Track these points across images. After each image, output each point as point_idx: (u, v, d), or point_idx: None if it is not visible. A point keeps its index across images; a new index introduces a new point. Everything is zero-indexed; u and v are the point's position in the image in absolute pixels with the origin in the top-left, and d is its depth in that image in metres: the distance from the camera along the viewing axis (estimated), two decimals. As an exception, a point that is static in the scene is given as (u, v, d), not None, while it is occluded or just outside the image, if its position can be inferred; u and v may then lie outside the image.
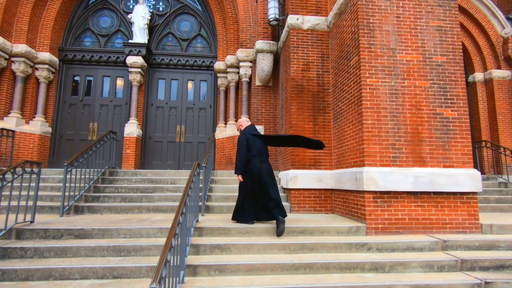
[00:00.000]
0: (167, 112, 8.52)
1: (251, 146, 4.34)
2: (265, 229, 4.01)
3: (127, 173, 6.44)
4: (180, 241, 2.94)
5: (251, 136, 4.44)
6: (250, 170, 4.29)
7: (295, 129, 5.64)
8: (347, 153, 4.92)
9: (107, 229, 3.79)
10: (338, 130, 5.35)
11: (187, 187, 3.41)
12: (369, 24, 4.61)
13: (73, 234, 3.75)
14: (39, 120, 7.65)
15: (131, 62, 7.92)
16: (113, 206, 5.08)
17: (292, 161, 5.56)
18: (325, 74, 5.85)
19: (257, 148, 4.35)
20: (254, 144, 4.35)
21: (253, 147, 4.34)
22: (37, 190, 4.16)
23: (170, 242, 2.41)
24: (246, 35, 7.59)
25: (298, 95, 5.75)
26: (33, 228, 3.73)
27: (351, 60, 4.84)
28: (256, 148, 4.34)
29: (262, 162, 4.35)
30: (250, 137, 4.43)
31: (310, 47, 5.90)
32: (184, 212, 3.10)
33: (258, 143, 4.40)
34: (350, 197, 4.70)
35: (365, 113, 4.39)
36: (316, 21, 5.93)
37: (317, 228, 4.06)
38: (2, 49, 7.04)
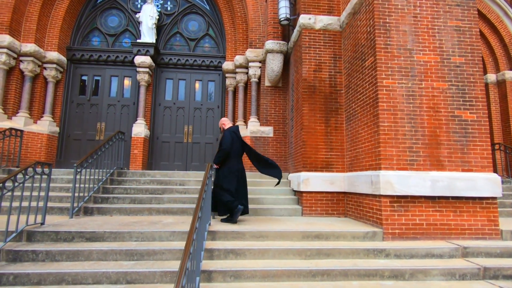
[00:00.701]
0: (175, 113, 8.45)
1: (233, 146, 4.62)
2: (279, 233, 3.92)
3: (136, 173, 6.38)
4: (196, 246, 2.85)
5: (235, 136, 4.73)
6: (230, 167, 4.59)
7: (307, 130, 5.54)
8: (361, 155, 4.82)
9: (119, 232, 3.72)
10: (352, 132, 5.25)
11: (202, 189, 3.33)
12: (386, 24, 4.50)
13: (85, 237, 3.68)
14: (47, 120, 7.61)
15: (139, 62, 7.87)
16: (122, 207, 5.02)
17: (304, 163, 5.47)
18: (338, 75, 5.74)
19: (237, 148, 4.70)
20: (235, 144, 4.66)
21: (235, 146, 4.64)
22: (48, 191, 4.10)
23: (189, 249, 2.33)
24: (256, 35, 7.50)
25: (310, 96, 5.65)
26: (44, 230, 3.67)
27: (366, 61, 4.73)
28: (236, 148, 4.68)
29: (239, 162, 4.73)
30: (234, 137, 4.71)
31: (322, 47, 5.80)
32: (200, 216, 3.02)
33: (238, 144, 4.73)
34: (364, 201, 4.59)
35: (382, 115, 4.28)
36: (329, 21, 5.83)
37: (332, 233, 3.97)
38: (11, 48, 7.01)
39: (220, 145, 4.68)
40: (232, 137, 4.65)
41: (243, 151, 4.84)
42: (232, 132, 4.74)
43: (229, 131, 4.76)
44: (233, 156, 4.61)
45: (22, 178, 3.62)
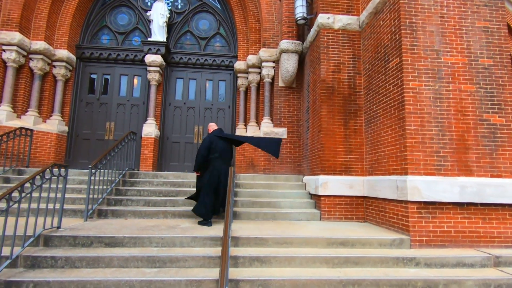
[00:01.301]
0: (185, 112, 8.32)
1: (214, 148, 4.70)
2: (304, 239, 3.79)
3: (148, 175, 6.26)
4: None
5: (215, 138, 4.78)
6: (211, 170, 4.64)
7: (325, 133, 5.41)
8: (384, 159, 4.68)
9: (139, 238, 3.60)
10: (372, 135, 5.11)
11: (229, 196, 3.20)
12: (412, 24, 4.36)
13: (104, 242, 3.56)
14: (56, 119, 7.49)
15: (150, 61, 7.73)
16: (137, 210, 4.89)
17: (322, 166, 5.33)
18: (357, 76, 5.61)
19: (219, 150, 4.71)
20: (217, 146, 4.71)
21: (216, 148, 4.70)
22: (64, 194, 3.98)
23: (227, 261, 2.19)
24: (269, 34, 7.36)
25: (329, 98, 5.52)
26: (62, 235, 3.54)
27: (390, 62, 4.59)
28: (218, 150, 4.71)
29: (223, 163, 4.71)
30: (214, 140, 4.77)
31: (341, 48, 5.66)
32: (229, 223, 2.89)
33: (221, 145, 4.76)
34: (388, 206, 4.46)
35: (408, 118, 4.15)
36: (348, 21, 5.69)
37: (358, 240, 3.83)
38: (21, 46, 6.88)
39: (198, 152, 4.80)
40: (211, 142, 4.73)
41: (230, 150, 4.92)
42: (213, 136, 4.82)
43: (209, 136, 4.88)
44: (214, 160, 4.67)
45: (40, 181, 3.49)
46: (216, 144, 4.73)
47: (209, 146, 4.71)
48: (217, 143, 4.75)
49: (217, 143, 4.75)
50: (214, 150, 4.70)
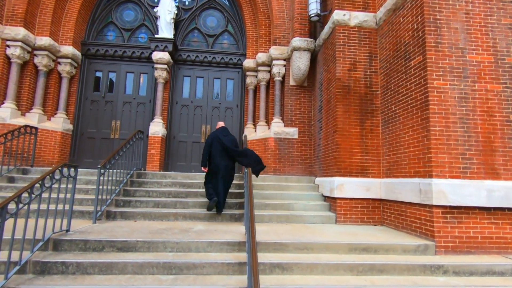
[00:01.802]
0: (192, 111, 8.14)
1: (215, 146, 4.97)
2: (324, 245, 3.62)
3: (156, 175, 6.08)
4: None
5: (217, 137, 5.04)
6: (212, 166, 4.96)
7: (341, 133, 5.24)
8: (404, 161, 4.51)
9: (153, 242, 3.43)
10: (390, 135, 4.94)
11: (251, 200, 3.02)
12: (436, 21, 4.19)
13: (116, 246, 3.39)
14: (61, 117, 7.31)
15: (157, 58, 7.55)
16: (147, 212, 4.72)
17: (338, 168, 5.16)
18: (373, 74, 5.43)
19: (220, 148, 4.96)
20: (218, 144, 4.98)
21: (217, 146, 4.97)
22: (74, 195, 3.80)
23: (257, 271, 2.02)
24: (280, 31, 7.18)
25: (345, 97, 5.34)
26: (72, 239, 3.37)
27: (412, 60, 4.42)
28: (219, 148, 4.96)
29: (222, 160, 4.92)
30: (216, 138, 5.03)
31: (357, 46, 5.49)
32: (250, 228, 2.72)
33: (222, 143, 4.98)
34: (409, 210, 4.29)
35: (432, 118, 3.97)
36: (364, 18, 5.51)
37: (381, 246, 3.67)
38: (25, 41, 6.70)
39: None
40: (213, 139, 5.03)
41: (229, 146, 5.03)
42: (216, 134, 5.09)
43: (211, 133, 5.21)
44: (214, 157, 4.95)
45: (49, 181, 3.32)
46: (218, 142, 4.99)
47: (211, 143, 5.01)
48: (219, 141, 5.00)
49: (219, 141, 5.00)
50: (215, 147, 4.97)
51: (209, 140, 5.04)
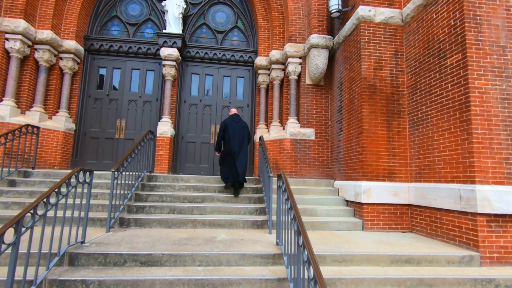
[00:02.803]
0: (201, 110, 7.80)
1: (228, 131, 5.36)
2: (365, 257, 3.35)
3: (168, 178, 5.74)
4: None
5: (230, 122, 5.42)
6: (226, 150, 5.35)
7: (367, 135, 4.98)
8: (438, 165, 4.27)
9: (180, 255, 3.11)
10: (420, 138, 4.70)
11: (296, 206, 2.72)
12: (476, 17, 3.95)
13: (139, 260, 3.06)
14: (63, 116, 6.89)
15: (166, 55, 7.19)
16: (163, 219, 4.39)
17: (364, 171, 4.91)
18: (399, 74, 5.19)
19: (233, 132, 5.34)
20: (232, 129, 5.36)
21: (230, 131, 5.35)
22: (89, 203, 3.45)
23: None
24: (296, 28, 6.89)
25: (370, 97, 5.09)
26: (90, 252, 3.03)
27: (448, 59, 4.18)
28: (232, 132, 5.34)
29: (234, 144, 5.30)
30: (229, 123, 5.41)
31: (382, 43, 5.24)
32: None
33: (235, 128, 5.38)
34: (445, 217, 4.05)
35: (474, 121, 3.74)
36: (390, 14, 5.26)
37: (424, 257, 3.42)
38: (26, 35, 6.27)
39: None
40: (227, 125, 5.39)
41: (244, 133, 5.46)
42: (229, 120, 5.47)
43: (225, 120, 5.52)
44: (229, 141, 5.33)
45: (65, 188, 2.97)
46: (231, 127, 5.38)
47: (225, 129, 5.40)
48: (232, 126, 5.39)
49: (233, 126, 5.40)
50: (229, 132, 5.35)
51: (222, 126, 5.42)
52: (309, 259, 2.16)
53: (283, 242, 3.34)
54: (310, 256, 2.13)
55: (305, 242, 2.30)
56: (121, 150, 7.38)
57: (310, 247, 2.22)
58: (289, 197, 3.08)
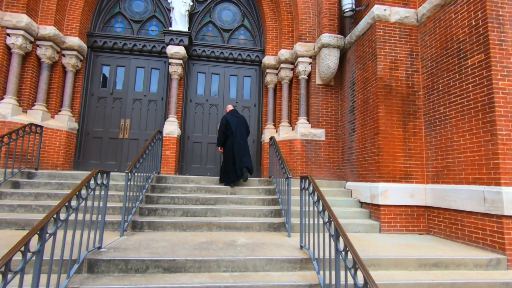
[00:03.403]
0: (207, 110, 7.65)
1: (230, 126, 5.62)
2: (393, 261, 3.27)
3: (177, 179, 5.58)
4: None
5: (231, 117, 5.71)
6: (229, 144, 5.59)
7: (384, 136, 4.92)
8: (458, 166, 4.23)
9: (204, 261, 2.97)
10: (438, 139, 4.65)
11: (330, 209, 2.62)
12: (499, 17, 3.91)
13: (162, 266, 2.91)
14: (66, 115, 6.66)
15: (172, 53, 7.02)
16: (177, 222, 4.24)
17: (380, 173, 4.84)
18: (415, 74, 5.14)
19: (234, 127, 5.62)
20: (232, 124, 5.62)
21: (232, 126, 5.61)
22: (105, 207, 3.29)
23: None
24: (305, 27, 6.80)
25: (386, 97, 5.03)
26: (109, 258, 2.87)
27: (469, 59, 4.14)
28: (234, 127, 5.61)
29: (236, 138, 5.56)
30: (230, 118, 5.69)
31: (397, 43, 5.18)
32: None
33: (236, 123, 5.66)
34: (467, 219, 4.00)
35: (499, 122, 3.70)
36: (406, 14, 5.21)
37: (451, 260, 3.35)
38: (28, 30, 6.03)
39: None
40: (228, 120, 5.65)
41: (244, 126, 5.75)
42: (230, 115, 5.76)
43: (225, 116, 5.81)
44: (230, 136, 5.60)
45: (85, 191, 2.81)
46: (232, 122, 5.64)
47: (226, 124, 5.65)
48: (233, 121, 5.66)
49: (233, 120, 5.67)
50: (230, 127, 5.61)
51: (224, 122, 5.69)
52: (356, 264, 2.06)
53: (309, 246, 3.24)
54: (358, 261, 2.03)
55: (349, 246, 2.19)
56: (125, 150, 7.19)
57: (355, 252, 2.12)
58: (319, 200, 2.97)
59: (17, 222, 3.96)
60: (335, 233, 2.45)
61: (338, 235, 2.41)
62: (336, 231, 2.44)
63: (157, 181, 5.49)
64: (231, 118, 5.70)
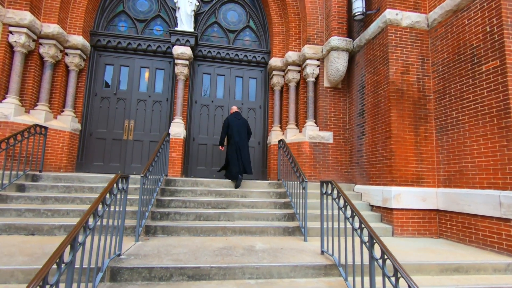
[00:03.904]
0: (213, 111, 7.57)
1: (232, 126, 5.94)
2: (416, 266, 3.27)
3: (187, 182, 5.50)
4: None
5: (232, 118, 6.03)
6: (232, 143, 5.90)
7: (396, 139, 4.94)
8: (472, 171, 4.27)
9: (229, 268, 2.92)
10: (450, 143, 4.70)
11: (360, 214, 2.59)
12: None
13: (186, 274, 2.85)
14: (69, 115, 6.50)
15: (179, 53, 6.92)
16: (191, 226, 4.17)
17: (393, 177, 4.86)
18: (426, 78, 5.18)
19: (236, 128, 5.92)
20: (234, 124, 5.94)
21: (233, 126, 5.93)
22: (125, 211, 3.20)
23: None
24: (314, 29, 6.80)
25: (398, 101, 5.05)
26: (132, 266, 2.79)
27: (483, 65, 4.19)
28: (235, 128, 5.92)
29: (238, 137, 5.89)
30: (231, 119, 6.01)
31: (409, 47, 5.22)
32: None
33: (237, 124, 5.96)
34: (481, 223, 4.05)
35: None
36: (417, 18, 5.25)
37: (472, 265, 3.38)
38: (31, 28, 5.85)
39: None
40: (230, 121, 5.99)
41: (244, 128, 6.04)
42: (231, 117, 6.08)
43: (227, 117, 6.13)
44: (232, 136, 5.89)
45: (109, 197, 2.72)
46: (234, 123, 5.95)
47: (228, 125, 5.97)
48: (234, 122, 5.97)
49: (234, 122, 5.97)
50: (232, 128, 5.91)
51: (226, 122, 6.01)
52: (398, 273, 2.04)
53: (333, 252, 3.22)
54: (401, 269, 2.01)
55: (387, 254, 2.18)
56: (129, 152, 7.05)
57: (396, 260, 2.10)
58: (346, 205, 2.95)
59: (26, 227, 3.83)
60: (370, 240, 2.43)
61: (373, 242, 2.39)
62: (370, 238, 2.42)
63: (166, 184, 5.40)
64: (232, 120, 6.00)
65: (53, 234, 3.87)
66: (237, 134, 5.88)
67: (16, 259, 2.81)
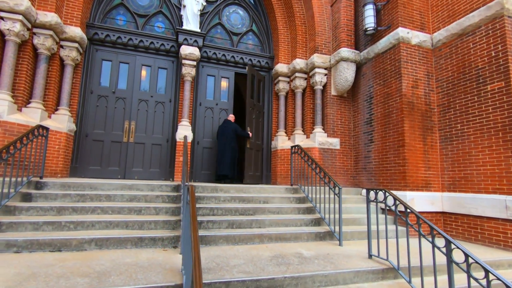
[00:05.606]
0: (217, 114, 7.44)
1: (220, 132, 6.86)
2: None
3: (206, 188, 5.34)
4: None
5: (222, 125, 6.94)
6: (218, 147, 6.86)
7: (409, 148, 5.38)
8: (478, 177, 4.85)
9: (301, 277, 2.98)
10: (455, 152, 5.26)
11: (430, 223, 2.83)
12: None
13: (262, 286, 2.83)
14: (65, 114, 5.88)
15: (187, 53, 6.68)
16: (229, 235, 4.11)
17: (406, 182, 5.29)
18: (431, 93, 5.73)
19: (222, 133, 6.79)
20: (222, 130, 6.80)
21: (220, 132, 6.84)
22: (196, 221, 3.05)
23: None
24: (322, 39, 7.05)
25: (410, 113, 5.51)
26: (209, 281, 2.69)
27: (489, 85, 4.78)
28: (221, 133, 6.80)
29: (223, 142, 6.73)
30: (221, 125, 6.93)
31: (417, 64, 5.72)
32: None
33: (224, 130, 6.78)
34: (487, 224, 4.62)
35: (519, 141, 4.35)
36: (424, 38, 5.77)
37: (489, 262, 3.85)
38: (27, 16, 5.19)
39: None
40: (219, 127, 6.97)
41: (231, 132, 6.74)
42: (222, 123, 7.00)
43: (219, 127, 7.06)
44: (219, 141, 6.83)
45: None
46: (221, 130, 6.84)
47: (217, 131, 6.98)
48: (223, 128, 6.80)
49: (223, 128, 6.81)
50: (220, 133, 6.82)
51: (219, 130, 6.91)
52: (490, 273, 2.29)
53: (387, 256, 3.43)
54: (491, 269, 2.26)
55: (472, 256, 2.42)
56: (130, 155, 6.61)
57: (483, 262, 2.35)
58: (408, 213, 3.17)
59: (51, 243, 3.43)
60: (447, 244, 2.66)
61: (451, 248, 2.63)
62: (447, 242, 2.66)
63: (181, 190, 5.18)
64: (221, 126, 6.88)
65: (83, 249, 3.52)
66: (221, 140, 6.77)
67: (75, 282, 2.53)
